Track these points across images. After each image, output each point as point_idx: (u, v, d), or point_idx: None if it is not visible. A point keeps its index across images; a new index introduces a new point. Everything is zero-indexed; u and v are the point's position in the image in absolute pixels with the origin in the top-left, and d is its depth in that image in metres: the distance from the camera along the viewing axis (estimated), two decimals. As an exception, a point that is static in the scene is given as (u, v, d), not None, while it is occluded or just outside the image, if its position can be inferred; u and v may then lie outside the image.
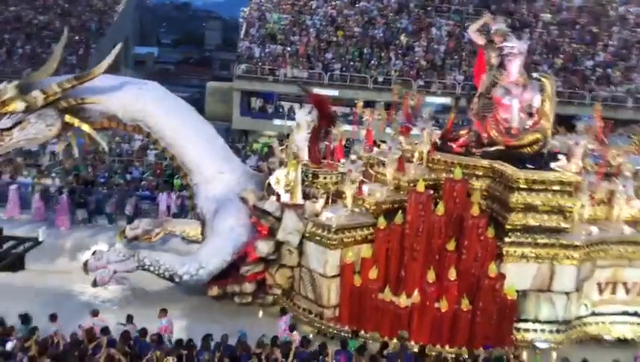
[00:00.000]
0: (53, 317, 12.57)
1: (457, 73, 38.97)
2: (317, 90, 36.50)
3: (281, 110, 40.78)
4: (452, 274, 14.00)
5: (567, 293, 14.58)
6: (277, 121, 38.62)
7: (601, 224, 15.54)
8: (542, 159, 15.54)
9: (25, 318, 12.44)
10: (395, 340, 13.42)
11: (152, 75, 59.00)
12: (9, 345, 11.10)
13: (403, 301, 13.83)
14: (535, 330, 14.65)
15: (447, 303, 13.84)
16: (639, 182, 15.78)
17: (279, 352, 11.64)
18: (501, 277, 13.91)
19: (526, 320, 14.64)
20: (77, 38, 52.92)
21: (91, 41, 52.37)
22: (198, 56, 63.63)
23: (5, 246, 9.80)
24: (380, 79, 38.77)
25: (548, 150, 16.91)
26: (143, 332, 12.10)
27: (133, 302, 15.33)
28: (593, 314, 15.35)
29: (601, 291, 15.32)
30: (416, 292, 13.89)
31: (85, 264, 14.68)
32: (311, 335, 14.17)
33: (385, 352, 12.51)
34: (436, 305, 13.90)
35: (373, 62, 40.47)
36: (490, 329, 13.81)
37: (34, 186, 23.21)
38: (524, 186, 14.19)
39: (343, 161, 16.84)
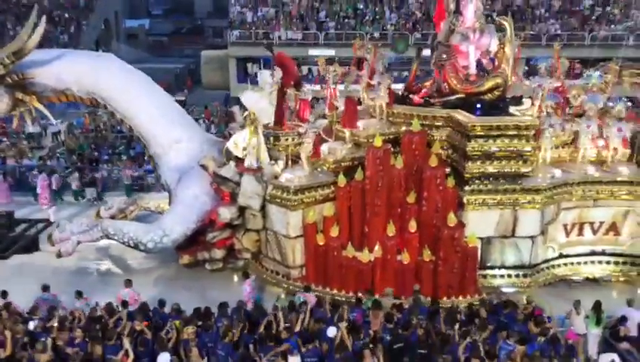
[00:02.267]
0: (79, 294, 13.00)
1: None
2: (313, 51, 36.75)
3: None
4: (412, 227, 14.09)
5: (531, 237, 14.61)
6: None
7: (565, 166, 15.47)
8: (504, 104, 15.36)
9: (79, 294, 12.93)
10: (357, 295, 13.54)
11: (145, 47, 58.74)
12: (32, 325, 11.27)
13: (365, 256, 13.94)
14: (502, 276, 14.76)
15: (409, 255, 13.97)
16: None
17: (294, 315, 11.71)
18: (460, 226, 13.95)
19: (492, 267, 14.73)
20: (67, 15, 52.65)
21: (81, 18, 52.04)
22: (190, 26, 62.73)
23: (18, 229, 9.97)
24: (376, 35, 38.05)
25: (513, 95, 16.81)
26: (161, 303, 12.29)
27: (144, 275, 15.63)
28: (561, 256, 15.38)
29: (567, 233, 15.32)
30: (377, 247, 13.97)
31: (50, 236, 14.89)
32: (282, 295, 14.53)
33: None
34: (398, 257, 14.03)
35: (367, 17, 39.72)
36: (453, 278, 13.93)
37: (40, 168, 23.39)
38: (481, 133, 14.04)
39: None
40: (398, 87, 17.84)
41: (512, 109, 15.00)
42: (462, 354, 10.42)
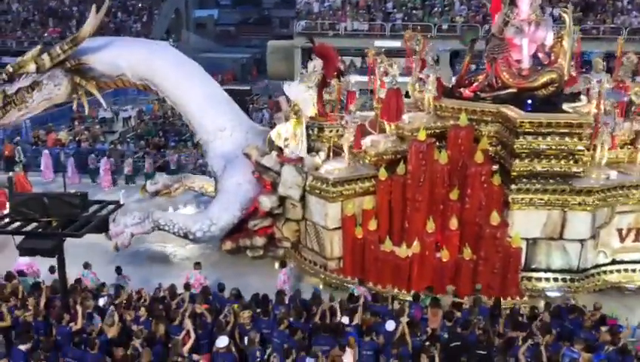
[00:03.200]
0: (119, 270, 13.57)
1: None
2: (378, 43, 36.50)
3: (342, 65, 40.51)
4: (454, 224, 13.72)
5: (581, 241, 13.92)
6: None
7: (623, 167, 14.65)
8: (558, 101, 14.68)
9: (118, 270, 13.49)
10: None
11: (213, 37, 60.09)
12: (101, 301, 11.72)
13: (402, 251, 13.72)
14: (548, 279, 14.16)
15: (449, 253, 13.63)
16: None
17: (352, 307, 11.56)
18: (503, 225, 13.46)
19: (537, 270, 14.16)
20: (140, 5, 54.67)
21: (153, 8, 53.91)
22: (257, 16, 63.64)
23: (91, 210, 10.64)
24: (445, 27, 37.39)
25: (571, 91, 16.07)
26: (221, 287, 12.50)
27: (209, 257, 15.93)
28: (614, 262, 14.60)
29: (622, 238, 14.50)
30: (416, 243, 13.71)
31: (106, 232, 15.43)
32: (321, 286, 14.52)
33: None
34: (438, 255, 13.72)
35: (436, 9, 39.09)
36: (493, 278, 13.48)
37: (110, 152, 24.43)
38: (530, 130, 13.47)
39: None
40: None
41: (565, 106, 14.27)
42: (522, 357, 9.94)
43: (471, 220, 13.85)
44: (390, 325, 10.63)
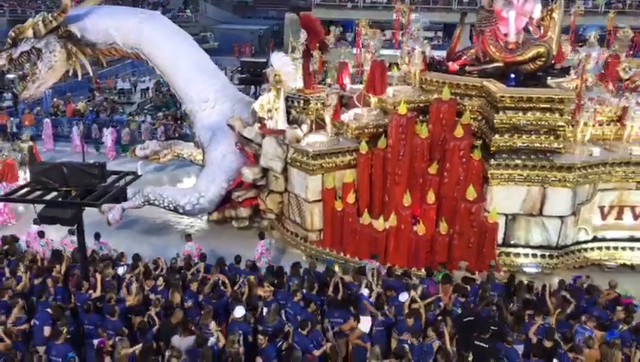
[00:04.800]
0: (97, 236, 13.71)
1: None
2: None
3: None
4: (430, 198, 13.75)
5: (561, 217, 13.85)
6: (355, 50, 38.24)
7: (609, 144, 14.44)
8: (544, 75, 14.47)
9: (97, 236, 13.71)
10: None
11: (230, 8, 59.78)
12: (120, 270, 11.95)
13: (379, 224, 13.81)
14: (527, 255, 14.15)
15: (426, 227, 13.69)
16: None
17: (364, 279, 11.68)
18: (479, 200, 13.44)
19: (516, 245, 14.14)
20: (157, -24, 54.35)
21: (171, -22, 53.60)
22: (276, -13, 62.96)
23: (109, 180, 10.91)
24: (466, 0, 36.69)
25: (562, 65, 15.82)
26: (238, 258, 12.72)
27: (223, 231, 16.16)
28: (595, 239, 14.50)
29: (604, 216, 14.38)
30: (392, 216, 13.79)
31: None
32: (304, 257, 14.76)
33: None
34: (415, 228, 13.79)
35: (459, -19, 38.32)
36: (468, 253, 13.53)
37: (129, 123, 24.84)
38: (510, 105, 13.32)
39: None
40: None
41: (550, 81, 14.05)
42: (533, 335, 9.93)
43: (449, 195, 13.86)
44: (403, 296, 10.69)
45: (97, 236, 13.77)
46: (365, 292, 11.09)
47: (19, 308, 10.27)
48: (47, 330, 9.74)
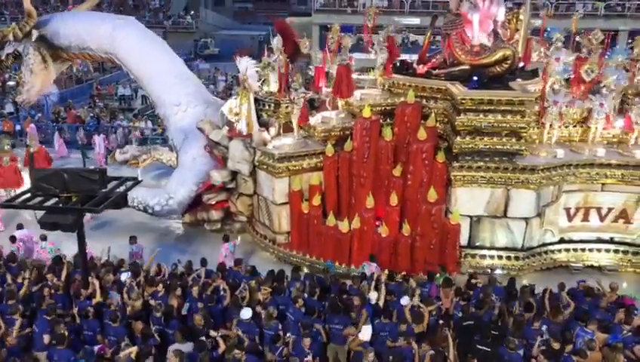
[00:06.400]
0: (44, 238, 13.87)
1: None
2: (398, 19, 36.09)
3: (361, 42, 40.50)
4: (393, 200, 13.84)
5: (525, 219, 13.87)
6: (356, 54, 38.23)
7: (574, 146, 14.47)
8: (509, 77, 14.52)
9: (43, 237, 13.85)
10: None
11: (231, 14, 60.28)
12: (124, 276, 11.83)
13: (344, 226, 13.92)
14: (492, 257, 14.18)
15: (389, 229, 13.78)
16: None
17: (366, 283, 11.69)
18: (440, 202, 13.51)
19: (481, 247, 14.18)
20: (158, -18, 54.95)
21: (172, -15, 54.15)
22: (275, -8, 63.45)
23: (109, 186, 10.99)
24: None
25: (533, 67, 15.87)
26: (238, 261, 12.91)
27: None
28: (562, 241, 14.51)
29: (570, 217, 14.40)
30: (356, 218, 13.89)
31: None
32: (275, 259, 14.90)
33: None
34: (378, 230, 13.88)
35: (457, -16, 38.39)
36: (430, 254, 13.60)
37: (130, 129, 25.08)
38: (471, 107, 13.37)
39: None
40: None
41: (513, 83, 14.10)
42: (537, 351, 9.71)
43: (413, 197, 13.95)
44: (405, 300, 10.65)
45: (44, 238, 13.84)
46: (373, 296, 10.96)
47: (18, 314, 10.22)
48: (46, 338, 9.70)
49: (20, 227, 14.82)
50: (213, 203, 15.73)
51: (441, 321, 10.42)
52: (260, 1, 62.13)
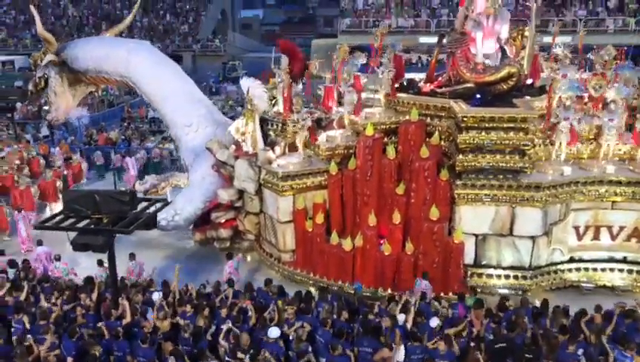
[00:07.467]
0: (58, 258, 14.31)
1: (579, 8, 35.58)
2: (424, 39, 36.20)
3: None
4: (396, 218, 13.77)
5: (532, 238, 13.60)
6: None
7: (583, 163, 14.19)
8: (514, 95, 14.39)
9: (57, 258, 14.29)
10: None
11: (258, 37, 61.34)
12: (156, 296, 11.91)
13: (347, 244, 13.89)
14: (499, 276, 13.92)
15: (392, 247, 13.69)
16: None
17: (395, 306, 11.55)
18: (442, 220, 13.38)
19: (488, 266, 13.95)
20: (187, 7, 56.52)
21: (200, 9, 55.60)
22: (302, 15, 64.39)
23: (139, 207, 11.34)
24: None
25: (541, 84, 15.70)
26: (267, 282, 12.92)
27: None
28: (572, 260, 14.17)
29: (580, 236, 14.05)
30: (359, 236, 13.86)
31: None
32: (280, 277, 14.94)
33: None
34: (381, 248, 13.82)
35: (485, 5, 38.42)
36: (434, 273, 13.42)
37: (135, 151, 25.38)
38: (473, 125, 13.27)
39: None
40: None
41: (517, 101, 13.95)
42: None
43: (416, 215, 13.86)
44: (434, 322, 10.55)
45: (58, 258, 14.25)
46: (402, 318, 10.77)
47: (51, 333, 10.29)
48: (69, 360, 9.76)
49: (39, 243, 15.25)
50: (222, 221, 15.90)
51: (472, 344, 10.20)
52: (287, 24, 63.06)
